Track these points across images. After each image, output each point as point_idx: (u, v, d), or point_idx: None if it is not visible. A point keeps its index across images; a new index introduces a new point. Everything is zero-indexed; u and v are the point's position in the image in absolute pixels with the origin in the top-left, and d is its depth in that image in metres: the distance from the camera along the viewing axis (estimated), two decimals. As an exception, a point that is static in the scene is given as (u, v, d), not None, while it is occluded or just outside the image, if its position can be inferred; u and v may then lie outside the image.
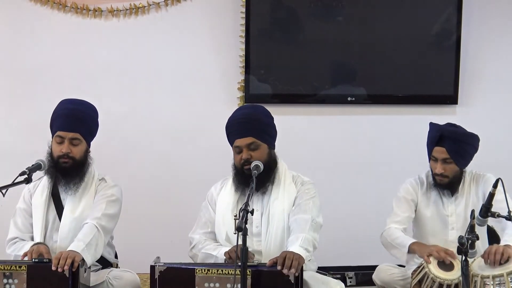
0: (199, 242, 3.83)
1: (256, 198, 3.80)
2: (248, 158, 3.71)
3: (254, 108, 3.92)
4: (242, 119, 3.80)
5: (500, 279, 3.59)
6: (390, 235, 4.07)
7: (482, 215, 3.43)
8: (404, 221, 4.13)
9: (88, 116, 3.89)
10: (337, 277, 4.85)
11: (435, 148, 4.03)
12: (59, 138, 3.81)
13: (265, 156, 3.75)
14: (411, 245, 3.96)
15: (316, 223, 3.71)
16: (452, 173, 4.04)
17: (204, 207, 3.94)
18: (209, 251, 3.75)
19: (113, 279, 3.76)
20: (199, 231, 3.89)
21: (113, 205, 3.88)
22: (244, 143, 3.73)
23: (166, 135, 5.29)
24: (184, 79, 5.29)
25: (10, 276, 3.48)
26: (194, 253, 3.84)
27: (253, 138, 3.73)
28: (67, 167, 3.81)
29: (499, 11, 5.48)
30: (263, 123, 3.81)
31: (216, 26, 5.27)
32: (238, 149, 3.76)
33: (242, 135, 3.74)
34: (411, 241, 3.99)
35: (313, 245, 3.65)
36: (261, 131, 3.77)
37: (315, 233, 3.69)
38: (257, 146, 3.74)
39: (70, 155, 3.80)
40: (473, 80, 5.46)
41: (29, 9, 5.14)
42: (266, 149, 3.78)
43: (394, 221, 4.12)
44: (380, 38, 5.37)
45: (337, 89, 5.40)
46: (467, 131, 4.06)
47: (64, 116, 3.82)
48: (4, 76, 5.18)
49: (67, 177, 3.84)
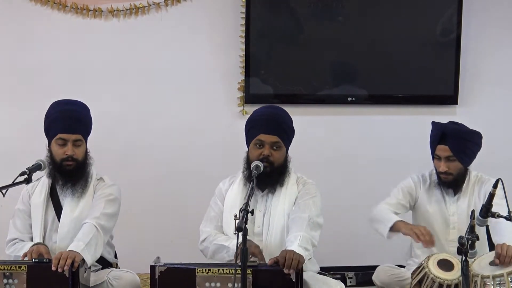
0: (210, 235, 3.85)
1: (260, 199, 3.84)
2: (268, 156, 3.75)
3: (280, 110, 3.94)
4: (272, 116, 3.85)
5: (500, 279, 3.59)
6: (378, 210, 4.11)
7: (482, 215, 3.43)
8: (396, 206, 4.14)
9: (85, 115, 3.89)
10: (337, 277, 4.86)
11: (438, 147, 4.04)
12: (62, 140, 3.79)
13: (282, 159, 3.82)
14: (397, 222, 3.98)
15: (313, 222, 3.72)
16: (456, 170, 4.04)
17: (213, 202, 3.96)
18: (222, 242, 3.77)
19: (113, 279, 3.76)
20: (209, 224, 3.91)
21: (112, 204, 3.87)
22: (269, 140, 3.77)
23: (166, 135, 5.29)
24: (184, 79, 5.29)
25: (10, 276, 3.48)
26: (205, 246, 3.86)
27: (278, 138, 3.78)
28: (71, 169, 3.81)
29: (499, 11, 5.48)
30: (288, 127, 3.88)
31: (216, 26, 5.27)
32: (260, 143, 3.79)
33: (269, 132, 3.78)
34: (397, 219, 4.01)
35: (312, 243, 3.65)
36: (285, 134, 3.84)
37: (314, 232, 3.70)
38: (279, 147, 3.80)
39: (75, 157, 3.80)
40: (473, 80, 5.46)
41: (29, 9, 5.14)
42: (284, 152, 3.84)
43: (386, 203, 4.15)
44: (380, 38, 5.37)
45: (337, 89, 5.40)
46: (469, 128, 4.07)
47: (63, 118, 3.80)
48: (4, 76, 5.18)
49: (72, 179, 3.83)
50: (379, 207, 4.13)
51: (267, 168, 3.72)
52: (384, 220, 4.04)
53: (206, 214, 3.96)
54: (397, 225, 3.98)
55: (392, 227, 3.99)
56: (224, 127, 5.27)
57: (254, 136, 3.81)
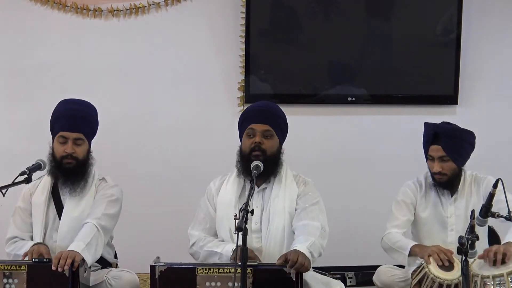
0: (199, 239, 3.83)
1: (256, 195, 3.81)
2: (259, 143, 3.75)
3: (274, 105, 3.97)
4: (263, 107, 3.89)
5: (500, 279, 3.59)
6: (390, 239, 4.06)
7: (482, 215, 3.43)
8: (403, 225, 4.11)
9: (90, 115, 3.90)
10: (337, 277, 4.86)
11: (431, 147, 4.02)
12: (62, 138, 3.80)
13: (274, 148, 3.80)
14: (413, 247, 3.95)
15: (325, 231, 3.75)
16: (450, 170, 4.02)
17: (203, 202, 3.94)
18: (213, 249, 3.75)
19: (112, 279, 3.76)
20: (197, 227, 3.89)
21: (113, 205, 3.87)
22: (260, 128, 3.78)
23: (166, 135, 5.29)
24: (184, 79, 5.29)
25: (10, 276, 3.48)
26: (195, 250, 3.84)
27: (269, 127, 3.79)
28: (71, 167, 3.81)
29: (499, 11, 5.48)
30: (280, 118, 3.88)
31: (216, 26, 5.27)
32: (252, 132, 3.79)
33: (260, 121, 3.79)
34: (412, 244, 3.98)
35: (319, 252, 3.67)
36: (277, 124, 3.83)
37: (323, 241, 3.72)
38: (271, 136, 3.79)
39: (74, 155, 3.80)
40: (473, 80, 5.46)
41: (29, 9, 5.14)
42: (277, 142, 3.82)
43: (394, 225, 4.10)
44: (380, 38, 5.37)
45: (337, 89, 5.40)
46: (462, 128, 4.06)
47: (66, 116, 3.82)
48: (4, 76, 5.18)
49: (71, 178, 3.83)
50: (389, 236, 4.07)
51: (260, 157, 3.71)
52: (399, 248, 4.00)
53: (195, 215, 3.94)
54: (413, 251, 3.95)
55: (409, 254, 3.97)
56: (224, 127, 5.26)
57: (246, 127, 3.82)
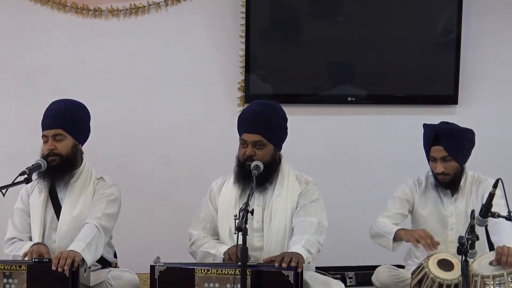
0: (198, 239, 3.84)
1: (257, 193, 3.79)
2: (251, 155, 3.71)
3: (268, 106, 3.86)
4: (254, 115, 3.79)
5: (500, 279, 3.59)
6: (377, 225, 4.09)
7: (482, 215, 3.43)
8: (395, 217, 4.13)
9: (71, 112, 3.87)
10: (337, 277, 4.86)
11: (432, 148, 4.03)
12: (45, 137, 3.84)
13: (268, 157, 3.74)
14: (398, 230, 3.97)
15: (322, 227, 3.72)
16: (453, 170, 4.04)
17: (204, 202, 3.94)
18: (208, 250, 3.75)
19: (112, 279, 3.76)
20: (197, 226, 3.90)
21: (112, 204, 3.87)
22: (251, 139, 3.73)
23: (166, 135, 5.29)
24: (184, 79, 5.29)
25: (10, 276, 3.48)
26: (193, 250, 3.85)
27: (260, 137, 3.72)
28: (55, 164, 3.81)
29: (499, 11, 5.48)
30: (273, 123, 3.79)
31: (216, 26, 5.27)
32: (244, 142, 3.76)
33: (251, 131, 3.74)
34: (397, 228, 4.00)
35: (317, 248, 3.64)
36: (270, 131, 3.76)
37: (320, 237, 3.69)
38: (263, 146, 3.73)
39: (56, 152, 3.80)
40: (473, 80, 5.46)
41: (29, 9, 5.13)
42: (271, 149, 3.77)
43: (385, 216, 4.14)
44: (380, 38, 5.37)
45: (337, 89, 5.40)
46: (461, 126, 4.07)
47: (47, 116, 3.87)
48: (5, 76, 5.18)
49: (57, 174, 3.83)
50: (378, 222, 4.11)
51: None
52: (385, 233, 4.03)
53: (196, 214, 3.95)
54: (398, 234, 3.97)
55: (394, 237, 3.98)
56: (224, 126, 5.26)
57: (240, 134, 3.81)
